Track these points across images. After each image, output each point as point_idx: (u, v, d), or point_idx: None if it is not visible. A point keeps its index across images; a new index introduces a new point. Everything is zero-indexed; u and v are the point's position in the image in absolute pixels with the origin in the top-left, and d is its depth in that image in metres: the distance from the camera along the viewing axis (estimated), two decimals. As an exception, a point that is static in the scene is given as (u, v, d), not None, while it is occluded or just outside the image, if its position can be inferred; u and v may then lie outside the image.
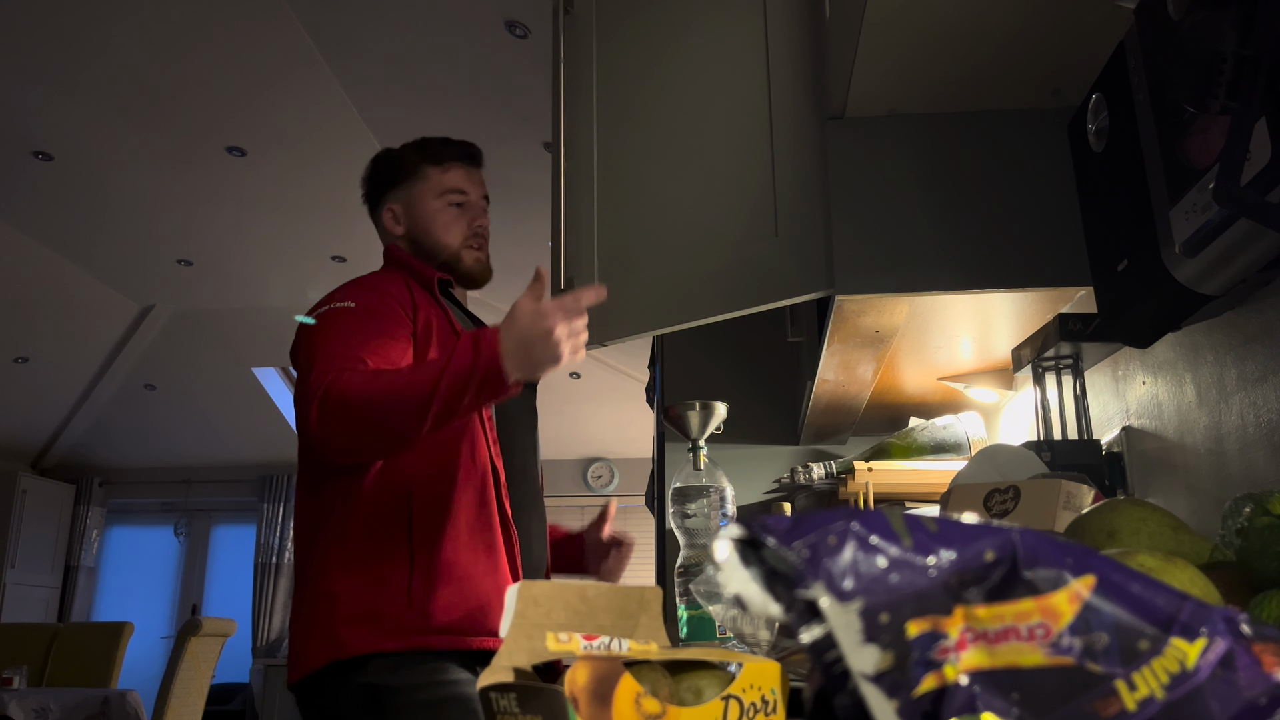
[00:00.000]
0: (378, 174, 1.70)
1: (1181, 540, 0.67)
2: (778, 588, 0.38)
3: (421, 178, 1.65)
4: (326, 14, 3.40)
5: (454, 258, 1.64)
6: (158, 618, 7.32)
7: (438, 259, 1.64)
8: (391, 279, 1.56)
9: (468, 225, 1.65)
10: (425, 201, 1.64)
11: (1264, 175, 0.68)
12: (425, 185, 1.65)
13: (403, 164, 1.67)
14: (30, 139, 4.22)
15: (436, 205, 1.64)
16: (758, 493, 2.19)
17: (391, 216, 1.66)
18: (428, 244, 1.64)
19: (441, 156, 1.67)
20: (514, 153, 3.87)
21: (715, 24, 1.50)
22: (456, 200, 1.65)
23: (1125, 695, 0.36)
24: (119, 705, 4.07)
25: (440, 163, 1.66)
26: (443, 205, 1.64)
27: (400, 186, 1.66)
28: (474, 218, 1.66)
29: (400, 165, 1.67)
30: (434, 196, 1.64)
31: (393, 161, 1.69)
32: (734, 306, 1.37)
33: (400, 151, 1.69)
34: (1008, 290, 1.25)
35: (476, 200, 1.68)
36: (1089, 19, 1.06)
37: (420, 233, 1.64)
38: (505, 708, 0.47)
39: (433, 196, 1.64)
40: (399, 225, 1.66)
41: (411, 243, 1.65)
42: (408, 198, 1.66)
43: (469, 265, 1.66)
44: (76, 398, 6.81)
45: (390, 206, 1.66)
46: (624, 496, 7.27)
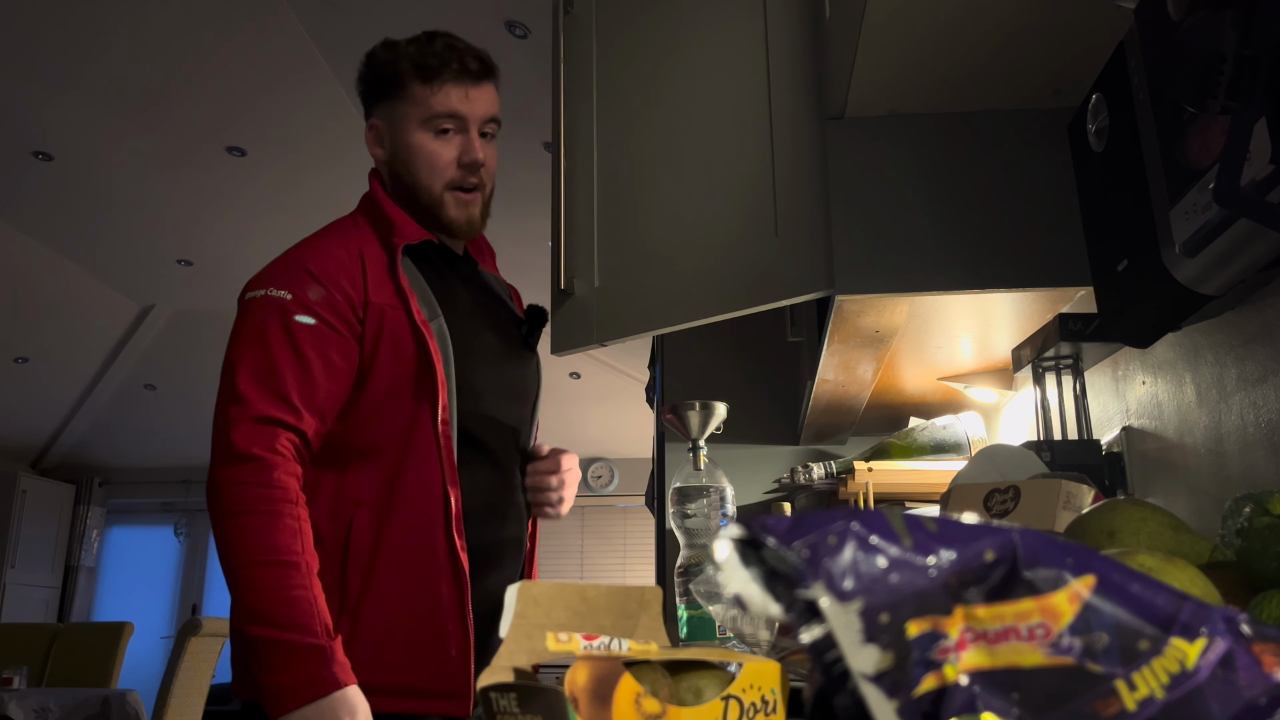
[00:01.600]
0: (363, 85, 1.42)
1: (1181, 540, 0.67)
2: (778, 588, 0.38)
3: (406, 96, 1.35)
4: (327, 14, 3.40)
5: (434, 203, 1.36)
6: (158, 618, 7.32)
7: (415, 201, 1.37)
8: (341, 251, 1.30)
9: (456, 170, 1.36)
10: (409, 129, 1.35)
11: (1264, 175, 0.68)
12: (410, 108, 1.35)
13: (388, 73, 1.37)
14: (30, 139, 4.22)
15: (421, 137, 1.35)
16: (758, 493, 2.19)
17: (374, 135, 1.39)
18: (407, 181, 1.37)
19: (432, 72, 1.34)
20: (514, 153, 3.87)
21: (715, 24, 1.50)
22: (445, 126, 1.35)
23: (1125, 695, 0.36)
24: (119, 705, 4.07)
25: (430, 80, 1.34)
26: (428, 136, 1.35)
27: (387, 101, 1.37)
28: (465, 149, 1.35)
29: (386, 75, 1.37)
30: (418, 124, 1.35)
31: (381, 68, 1.38)
32: (734, 306, 1.37)
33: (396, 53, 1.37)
34: (1008, 290, 1.25)
35: (475, 123, 1.36)
36: (1089, 19, 1.06)
37: (400, 167, 1.37)
38: (505, 708, 0.47)
39: (417, 124, 1.35)
40: (379, 148, 1.39)
41: (392, 174, 1.38)
42: (393, 116, 1.37)
43: (451, 218, 1.37)
44: (76, 398, 6.81)
45: (373, 122, 1.39)
46: (624, 496, 7.28)
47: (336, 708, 1.10)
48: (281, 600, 1.13)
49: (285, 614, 1.12)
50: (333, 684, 1.11)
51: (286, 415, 1.20)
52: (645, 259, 1.51)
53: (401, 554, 1.24)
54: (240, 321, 1.27)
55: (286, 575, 1.14)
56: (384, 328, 1.27)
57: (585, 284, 1.58)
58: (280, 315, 1.24)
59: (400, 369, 1.28)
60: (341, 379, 1.25)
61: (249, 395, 1.20)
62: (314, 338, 1.23)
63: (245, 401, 1.20)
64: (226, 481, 1.17)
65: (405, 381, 1.28)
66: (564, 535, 7.23)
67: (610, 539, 7.29)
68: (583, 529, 7.27)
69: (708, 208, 1.45)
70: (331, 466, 1.26)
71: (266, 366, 1.22)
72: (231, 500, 1.16)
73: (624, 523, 7.31)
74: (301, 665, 1.11)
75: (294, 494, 1.19)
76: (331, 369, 1.24)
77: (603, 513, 7.32)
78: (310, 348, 1.23)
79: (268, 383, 1.21)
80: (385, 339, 1.27)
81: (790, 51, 1.38)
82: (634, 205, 1.55)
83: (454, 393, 1.30)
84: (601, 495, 7.29)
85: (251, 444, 1.18)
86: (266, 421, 1.19)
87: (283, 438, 1.20)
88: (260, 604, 1.13)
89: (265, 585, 1.13)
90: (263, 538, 1.15)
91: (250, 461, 1.17)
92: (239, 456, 1.17)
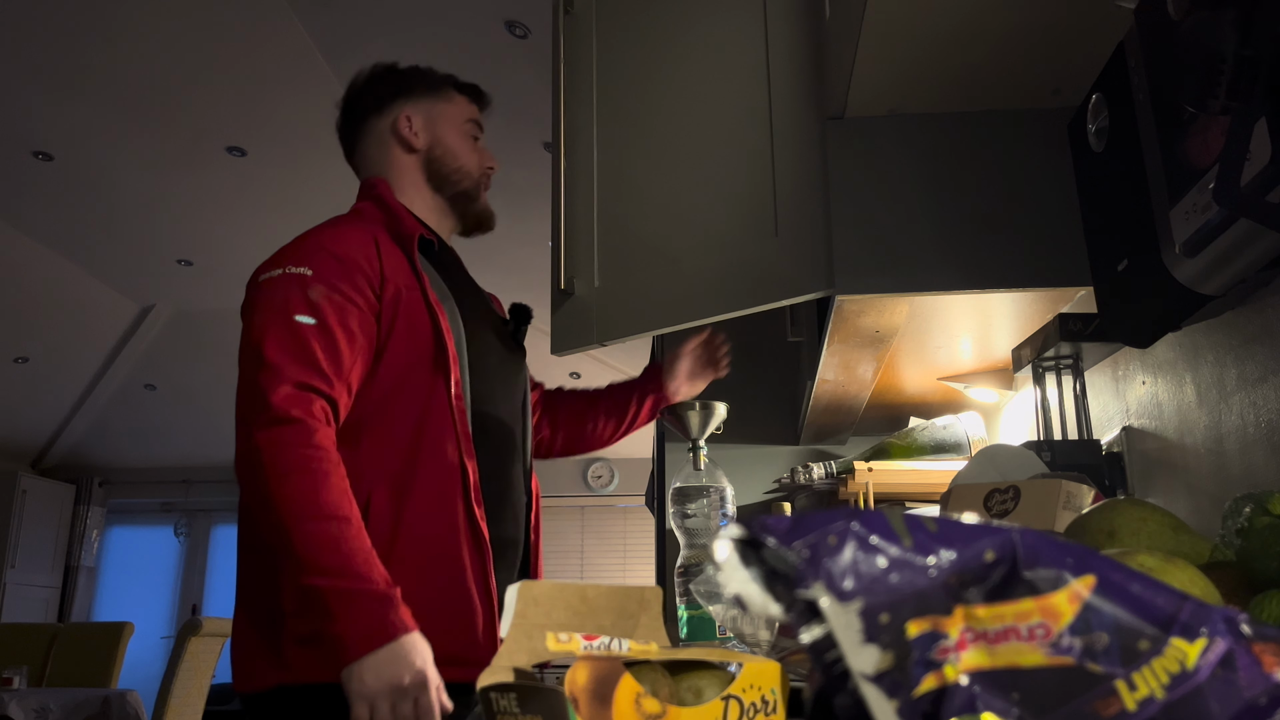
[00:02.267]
0: (392, 78, 1.50)
1: (1181, 540, 0.67)
2: (778, 588, 0.38)
3: (448, 99, 1.51)
4: (327, 14, 3.40)
5: (474, 188, 1.50)
6: (158, 618, 7.32)
7: (456, 185, 1.48)
8: (358, 235, 1.33)
9: (483, 160, 1.53)
10: (455, 120, 1.50)
11: (1264, 175, 0.68)
12: (453, 107, 1.50)
13: (428, 77, 1.51)
14: (30, 139, 4.22)
15: (465, 129, 1.51)
16: (758, 493, 2.19)
17: (409, 126, 1.46)
18: (449, 167, 1.47)
19: (464, 88, 1.54)
20: (514, 153, 3.87)
21: (715, 24, 1.50)
22: (476, 133, 1.54)
23: (1125, 695, 0.36)
24: (119, 705, 4.07)
25: (464, 92, 1.53)
26: (468, 132, 1.52)
27: (424, 99, 1.49)
28: (487, 158, 1.54)
29: (425, 77, 1.51)
30: (462, 120, 1.51)
31: (413, 72, 1.51)
32: (734, 306, 1.37)
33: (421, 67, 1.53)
34: (1008, 290, 1.25)
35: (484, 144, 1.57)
36: (1089, 19, 1.06)
37: (445, 152, 1.47)
38: (505, 708, 0.47)
39: (461, 120, 1.51)
40: (417, 138, 1.47)
41: (428, 162, 1.47)
42: (433, 112, 1.49)
43: (484, 203, 1.53)
44: (76, 398, 6.81)
45: (408, 114, 1.47)
46: (624, 496, 7.28)
47: (408, 650, 1.12)
48: (343, 552, 1.14)
49: (349, 564, 1.13)
50: (401, 628, 1.13)
51: (320, 383, 1.22)
52: (645, 259, 1.51)
53: (423, 527, 1.26)
54: (259, 300, 1.27)
55: (343, 529, 1.15)
56: (400, 305, 1.30)
57: (585, 284, 1.58)
58: (302, 289, 1.26)
59: (416, 345, 1.31)
60: (362, 352, 1.27)
61: (280, 363, 1.20)
62: (336, 310, 1.25)
63: (278, 369, 1.20)
64: (268, 443, 1.17)
65: (421, 357, 1.31)
66: (564, 535, 7.23)
67: (610, 539, 7.29)
68: (583, 529, 7.27)
69: (708, 208, 1.45)
70: (346, 443, 1.26)
71: (293, 338, 1.22)
72: (276, 462, 1.16)
73: (624, 523, 7.31)
74: (370, 611, 1.12)
75: (336, 456, 1.20)
76: (353, 341, 1.26)
77: (603, 513, 7.32)
78: (334, 321, 1.24)
79: (299, 353, 1.22)
80: (401, 316, 1.30)
81: (790, 51, 1.38)
82: (634, 205, 1.55)
83: (466, 369, 1.34)
84: (601, 495, 7.28)
85: (291, 406, 1.18)
86: (303, 387, 1.20)
87: (318, 403, 1.21)
88: (321, 556, 1.13)
89: (324, 539, 1.14)
90: (315, 496, 1.15)
91: (291, 424, 1.18)
92: (279, 419, 1.18)
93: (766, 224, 1.35)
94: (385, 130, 1.48)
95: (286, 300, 1.25)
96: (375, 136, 1.49)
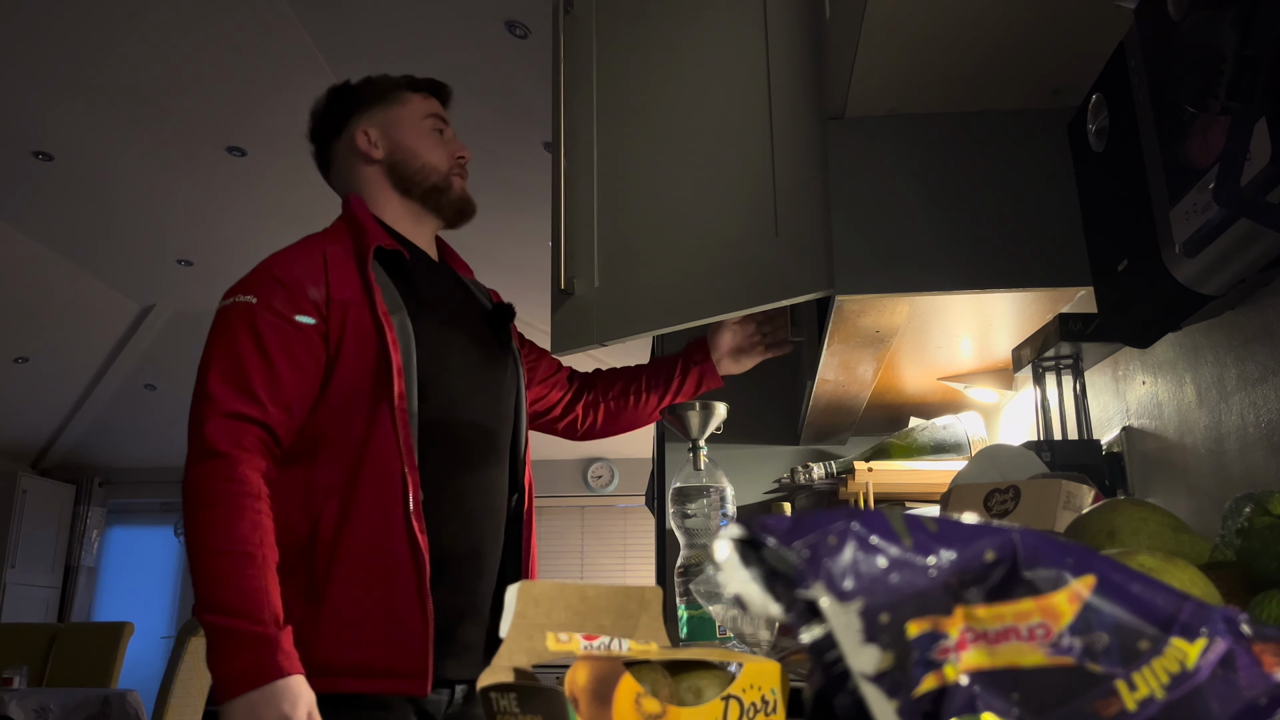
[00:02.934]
0: (343, 98, 1.54)
1: (1181, 540, 0.67)
2: (778, 588, 0.38)
3: (401, 101, 1.53)
4: (327, 14, 3.40)
5: (444, 181, 1.52)
6: (158, 618, 7.32)
7: (424, 183, 1.50)
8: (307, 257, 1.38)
9: (451, 152, 1.54)
10: (410, 121, 1.52)
11: (1264, 175, 0.68)
12: (407, 108, 1.53)
13: (378, 86, 1.54)
14: (30, 139, 4.22)
15: (425, 126, 1.53)
16: (758, 493, 2.19)
17: (366, 140, 1.50)
18: (413, 166, 1.50)
19: (419, 85, 1.57)
20: (514, 153, 3.86)
21: (715, 24, 1.50)
22: (439, 126, 1.55)
23: (1125, 695, 0.36)
24: (119, 705, 4.07)
25: (418, 90, 1.56)
26: (429, 128, 1.53)
27: (376, 109, 1.52)
28: (456, 148, 1.56)
29: (375, 87, 1.54)
30: (419, 117, 1.53)
31: (362, 84, 1.55)
32: (734, 306, 1.37)
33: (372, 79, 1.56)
34: (1008, 290, 1.25)
35: (452, 134, 1.58)
36: (1089, 19, 1.06)
37: (406, 155, 1.50)
38: (505, 708, 0.47)
39: (418, 117, 1.53)
40: (375, 149, 1.50)
41: (391, 169, 1.50)
42: (387, 119, 1.52)
43: (457, 192, 1.53)
44: (76, 398, 6.81)
45: (365, 129, 1.50)
46: (624, 496, 7.27)
47: (279, 694, 1.14)
48: (234, 589, 1.17)
49: (237, 602, 1.17)
50: (275, 672, 1.15)
51: (252, 410, 1.27)
52: (645, 259, 1.51)
53: (363, 540, 1.28)
54: (213, 329, 1.34)
55: (242, 565, 1.19)
56: (347, 323, 1.34)
57: (585, 284, 1.58)
58: (248, 318, 1.31)
59: (363, 361, 1.34)
60: (309, 375, 1.32)
61: (217, 393, 1.27)
62: (279, 337, 1.30)
63: (214, 399, 1.26)
64: (196, 477, 1.24)
65: (367, 373, 1.33)
66: (564, 535, 7.23)
67: (610, 539, 7.29)
68: (583, 529, 7.27)
69: (708, 208, 1.45)
70: (303, 460, 1.31)
71: (234, 366, 1.28)
72: (198, 494, 1.23)
73: (624, 523, 7.31)
74: (249, 652, 1.15)
75: (256, 488, 1.24)
76: (297, 365, 1.31)
77: (603, 513, 7.32)
78: (275, 347, 1.30)
79: (235, 381, 1.27)
80: (349, 333, 1.34)
81: (790, 51, 1.38)
82: (634, 205, 1.55)
83: (413, 383, 1.35)
84: (601, 495, 7.28)
85: (219, 440, 1.24)
86: (233, 417, 1.26)
87: (250, 433, 1.26)
88: (214, 592, 1.18)
89: (220, 574, 1.18)
90: (223, 529, 1.20)
91: (217, 458, 1.23)
92: (208, 452, 1.24)
93: (766, 224, 1.35)
94: (347, 149, 1.53)
95: (232, 329, 1.31)
96: (340, 157, 1.54)
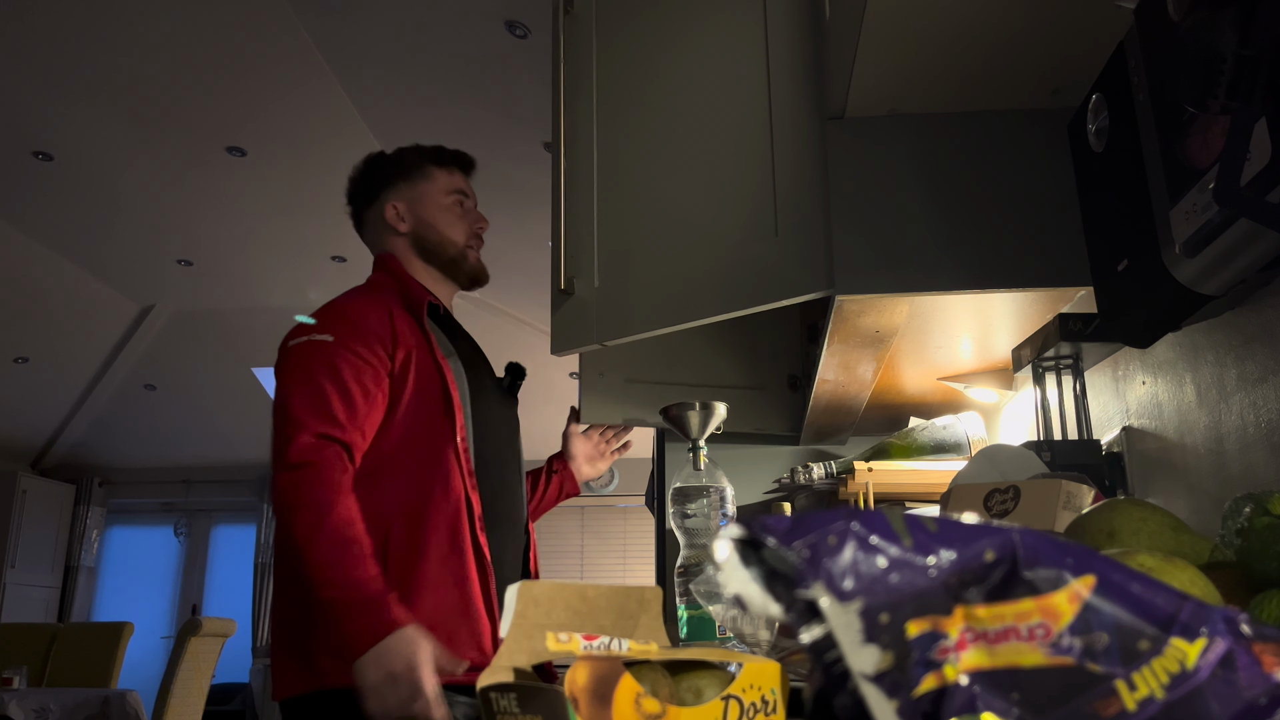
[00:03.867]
0: (376, 171, 1.70)
1: (1181, 540, 0.67)
2: (778, 588, 0.38)
3: (426, 176, 1.68)
4: (327, 14, 3.40)
5: (460, 255, 1.67)
6: (158, 618, 7.32)
7: (444, 255, 1.66)
8: (374, 306, 1.53)
9: (470, 225, 1.69)
10: (433, 198, 1.67)
11: (1264, 175, 0.68)
12: (431, 184, 1.68)
13: (405, 162, 1.69)
14: (30, 139, 4.21)
15: (445, 202, 1.67)
16: (758, 493, 2.19)
17: (395, 213, 1.66)
18: (433, 240, 1.66)
19: (445, 159, 1.71)
20: (514, 153, 3.86)
21: (715, 24, 1.50)
22: (460, 200, 1.69)
23: (1125, 695, 0.36)
24: (119, 705, 4.07)
25: (444, 164, 1.70)
26: (450, 203, 1.68)
27: (403, 184, 1.68)
28: (475, 220, 1.70)
29: (403, 163, 1.69)
30: (442, 194, 1.67)
31: (393, 159, 1.70)
32: (734, 306, 1.37)
33: (398, 151, 1.72)
34: (1008, 290, 1.25)
35: (474, 205, 1.73)
36: (1089, 19, 1.06)
37: (426, 229, 1.66)
38: (505, 708, 0.47)
39: (441, 194, 1.67)
40: (403, 222, 1.66)
41: (416, 240, 1.66)
42: (413, 195, 1.67)
43: (472, 263, 1.68)
44: (76, 398, 6.80)
45: (394, 204, 1.67)
46: (624, 496, 7.27)
47: (400, 642, 1.28)
48: (341, 568, 1.31)
49: (346, 577, 1.31)
50: (391, 624, 1.28)
51: (336, 431, 1.41)
52: (645, 259, 1.51)
53: (437, 554, 1.45)
54: (286, 364, 1.47)
55: (344, 550, 1.32)
56: (412, 364, 1.50)
57: (585, 284, 1.58)
58: (325, 354, 1.45)
59: (427, 397, 1.50)
60: (377, 406, 1.47)
61: (302, 417, 1.40)
62: (353, 370, 1.45)
63: (300, 422, 1.39)
64: (286, 485, 1.36)
65: (432, 408, 1.50)
66: (564, 535, 7.23)
67: (610, 539, 7.29)
68: (583, 529, 7.27)
69: (708, 208, 1.45)
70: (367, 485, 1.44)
71: (315, 395, 1.42)
72: (291, 498, 1.35)
73: (624, 523, 7.31)
74: (366, 614, 1.29)
75: (346, 488, 1.38)
76: (369, 396, 1.46)
77: (603, 513, 7.32)
78: (351, 378, 1.44)
79: (316, 407, 1.41)
80: (413, 374, 1.50)
81: (790, 51, 1.38)
82: (634, 205, 1.55)
83: (470, 416, 1.54)
84: (601, 495, 7.28)
85: (307, 453, 1.37)
86: (320, 437, 1.39)
87: (333, 449, 1.40)
88: (324, 574, 1.31)
89: (327, 561, 1.31)
90: (322, 524, 1.33)
91: (307, 467, 1.37)
92: (297, 464, 1.37)
93: (766, 224, 1.35)
94: (378, 218, 1.68)
95: (310, 363, 1.45)
96: (372, 223, 1.70)
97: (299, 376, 1.44)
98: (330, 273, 5.22)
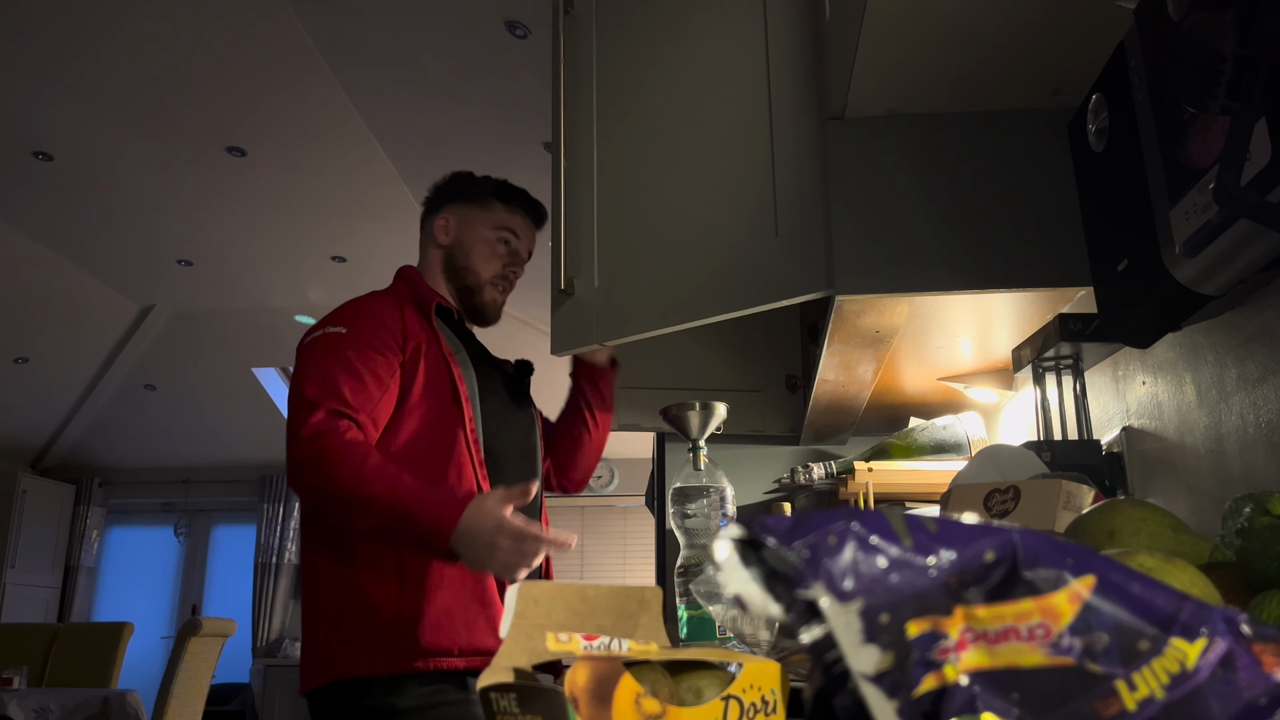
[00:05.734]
0: (448, 185, 1.76)
1: (1181, 540, 0.67)
2: (778, 588, 0.38)
3: (485, 206, 1.72)
4: (326, 14, 3.40)
5: (478, 286, 1.69)
6: (158, 618, 7.32)
7: (464, 280, 1.69)
8: (386, 302, 1.59)
9: (503, 266, 1.71)
10: (480, 227, 1.71)
11: (1264, 175, 0.68)
12: (486, 214, 1.71)
13: (474, 186, 1.74)
14: (30, 139, 4.21)
15: (489, 235, 1.70)
16: (758, 493, 2.19)
17: (443, 225, 1.71)
18: (460, 264, 1.69)
19: (512, 199, 1.74)
20: (514, 153, 3.86)
21: (715, 24, 1.50)
22: (506, 239, 1.71)
23: (1125, 695, 0.36)
24: (119, 705, 4.07)
25: (508, 202, 1.73)
26: (494, 238, 1.70)
27: (463, 204, 1.72)
28: (512, 264, 1.72)
29: (471, 186, 1.74)
30: (490, 227, 1.71)
31: (466, 180, 1.76)
32: (734, 306, 1.37)
33: (480, 177, 1.77)
34: (1008, 290, 1.25)
35: (523, 252, 1.74)
36: (1089, 19, 1.06)
37: (460, 252, 1.70)
38: (505, 708, 0.47)
39: (489, 227, 1.71)
40: (446, 236, 1.71)
41: (448, 257, 1.70)
42: (465, 216, 1.72)
43: (486, 300, 1.70)
44: (76, 398, 6.80)
45: (446, 216, 1.72)
46: (624, 496, 7.27)
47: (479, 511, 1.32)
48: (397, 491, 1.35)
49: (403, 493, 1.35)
50: (465, 499, 1.34)
51: (345, 409, 1.44)
52: (645, 259, 1.51)
53: None
54: (304, 357, 1.51)
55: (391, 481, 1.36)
56: (420, 358, 1.54)
57: (585, 284, 1.58)
58: (338, 344, 1.50)
59: (437, 390, 1.54)
60: (389, 394, 1.50)
61: (316, 399, 1.43)
62: (364, 358, 1.49)
63: (311, 402, 1.43)
64: (307, 456, 1.39)
65: (442, 400, 1.54)
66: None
67: (610, 539, 7.29)
68: (583, 529, 7.27)
69: (708, 208, 1.45)
70: None
71: (327, 380, 1.46)
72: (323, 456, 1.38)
73: (624, 523, 7.31)
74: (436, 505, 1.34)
75: (369, 445, 1.42)
76: (380, 383, 1.49)
77: (603, 513, 7.32)
78: (363, 367, 1.48)
79: (332, 392, 1.45)
80: (423, 367, 1.54)
81: (790, 51, 1.38)
82: (634, 205, 1.55)
83: (478, 408, 1.58)
84: (601, 495, 7.28)
85: (321, 424, 1.41)
86: (331, 413, 1.42)
87: (346, 422, 1.43)
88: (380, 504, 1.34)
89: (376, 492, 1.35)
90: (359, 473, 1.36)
91: (324, 435, 1.40)
92: (312, 437, 1.39)
93: (766, 224, 1.35)
94: (432, 226, 1.74)
95: (323, 353, 1.50)
96: (427, 230, 1.76)
97: (313, 366, 1.49)
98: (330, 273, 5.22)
